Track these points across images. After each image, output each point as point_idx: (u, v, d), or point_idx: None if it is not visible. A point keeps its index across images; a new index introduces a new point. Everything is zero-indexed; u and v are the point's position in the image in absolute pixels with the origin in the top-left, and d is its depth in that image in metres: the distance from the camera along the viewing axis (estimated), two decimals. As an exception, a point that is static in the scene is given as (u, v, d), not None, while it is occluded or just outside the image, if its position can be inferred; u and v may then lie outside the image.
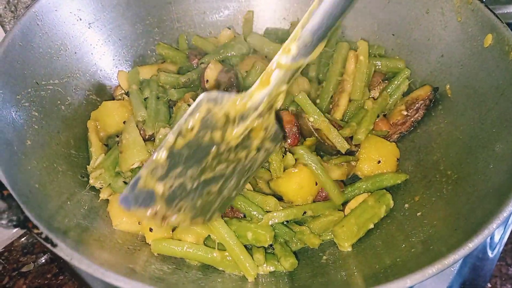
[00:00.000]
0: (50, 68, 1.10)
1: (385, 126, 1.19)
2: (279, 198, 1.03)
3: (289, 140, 1.09)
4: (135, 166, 1.04)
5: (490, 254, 1.27)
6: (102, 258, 0.80)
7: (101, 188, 1.06)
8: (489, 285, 1.29)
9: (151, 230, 0.97)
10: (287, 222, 1.02)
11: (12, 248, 1.32)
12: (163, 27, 1.38)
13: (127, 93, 1.23)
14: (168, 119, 1.14)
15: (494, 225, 0.74)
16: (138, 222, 1.00)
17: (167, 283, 0.81)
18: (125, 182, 1.05)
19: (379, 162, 1.12)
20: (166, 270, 0.89)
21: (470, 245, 0.72)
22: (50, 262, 1.30)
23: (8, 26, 1.38)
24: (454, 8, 1.10)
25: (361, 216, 1.01)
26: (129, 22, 1.30)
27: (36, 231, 0.71)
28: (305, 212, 1.01)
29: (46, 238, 0.70)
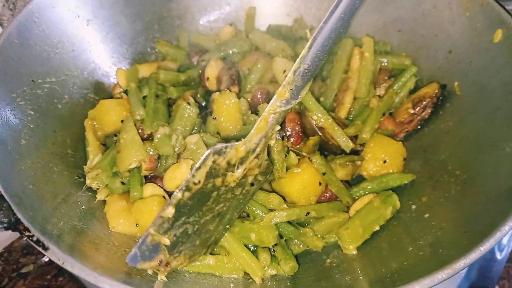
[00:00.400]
0: (47, 66, 1.09)
1: (391, 125, 1.17)
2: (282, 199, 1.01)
3: (292, 139, 1.07)
4: (133, 166, 1.02)
5: (498, 256, 1.25)
6: (97, 262, 0.78)
7: (98, 188, 1.04)
8: (497, 287, 1.27)
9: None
10: (290, 223, 1.00)
11: (12, 249, 1.32)
12: (163, 24, 1.36)
13: (126, 91, 1.21)
14: (167, 118, 1.12)
15: (506, 227, 0.71)
16: (136, 224, 0.98)
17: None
18: (122, 183, 1.04)
19: (385, 161, 1.10)
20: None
21: (482, 248, 0.69)
22: (50, 263, 1.29)
23: (6, 24, 1.37)
24: (462, 2, 1.08)
25: (366, 217, 0.99)
26: (128, 19, 1.29)
27: (27, 234, 0.69)
28: (308, 212, 0.99)
29: (38, 241, 0.68)
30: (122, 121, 1.10)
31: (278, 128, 0.94)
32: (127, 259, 0.80)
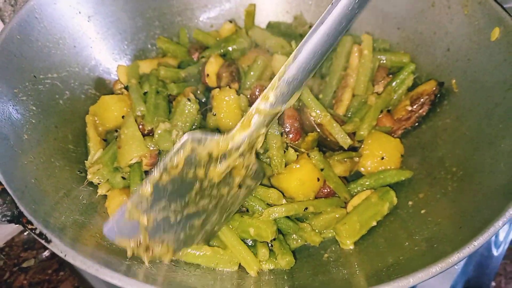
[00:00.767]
0: (48, 61, 1.09)
1: (389, 122, 1.17)
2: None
3: (290, 135, 1.08)
4: (134, 161, 1.03)
5: (495, 253, 1.26)
6: (98, 255, 0.79)
7: (99, 183, 1.05)
8: (493, 283, 1.28)
9: (150, 226, 0.95)
10: (288, 218, 1.01)
11: (13, 243, 1.33)
12: (164, 21, 1.36)
13: (127, 87, 1.21)
14: (167, 114, 1.12)
15: (500, 222, 0.72)
16: (136, 218, 0.98)
17: (163, 281, 0.79)
18: (123, 178, 1.04)
19: (383, 158, 1.11)
20: (163, 268, 0.88)
21: (475, 243, 0.70)
22: (51, 257, 1.30)
23: (7, 20, 1.37)
24: (461, 0, 1.08)
25: (363, 213, 1.00)
26: (129, 15, 1.29)
27: (30, 227, 0.70)
28: (306, 208, 0.99)
29: (40, 234, 0.69)
30: (123, 117, 1.11)
31: (264, 131, 0.93)
32: (104, 230, 0.82)
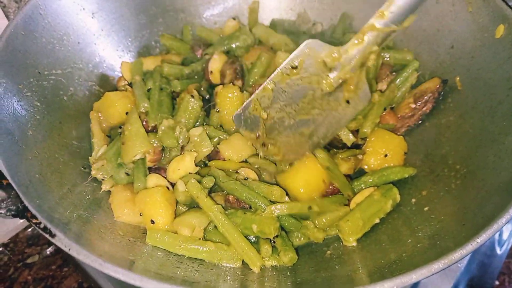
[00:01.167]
0: (52, 58, 1.10)
1: (392, 119, 1.17)
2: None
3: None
4: (137, 157, 1.03)
5: (498, 251, 1.25)
6: (102, 250, 0.80)
7: (103, 179, 1.06)
8: (497, 282, 1.28)
9: (153, 222, 0.96)
10: (291, 215, 1.01)
11: (17, 239, 1.33)
12: (167, 18, 1.37)
13: (130, 84, 1.22)
14: (171, 111, 1.12)
15: (503, 219, 0.72)
16: (140, 214, 0.99)
17: (167, 277, 0.79)
18: (127, 174, 1.05)
19: (386, 155, 1.10)
20: (167, 263, 0.88)
21: (478, 240, 0.70)
22: (55, 253, 1.30)
23: (12, 16, 1.37)
24: (465, -2, 1.08)
25: (366, 210, 0.99)
26: (132, 12, 1.29)
27: (34, 221, 0.70)
28: (310, 207, 0.99)
29: (45, 228, 0.69)
30: (126, 113, 1.11)
31: (376, 49, 0.95)
32: (233, 116, 1.00)
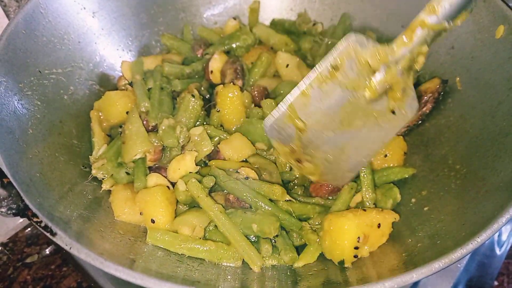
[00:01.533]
0: (53, 57, 1.10)
1: (392, 119, 1.17)
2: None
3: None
4: (138, 157, 1.03)
5: (497, 252, 1.25)
6: (102, 249, 0.80)
7: (103, 178, 1.06)
8: (496, 283, 1.28)
9: (153, 221, 0.96)
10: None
11: (16, 239, 1.33)
12: (168, 17, 1.37)
13: (131, 83, 1.22)
14: (171, 110, 1.13)
15: (503, 219, 0.72)
16: (140, 213, 0.99)
17: (167, 276, 0.80)
18: (127, 173, 1.05)
19: (386, 156, 1.10)
20: (167, 263, 0.88)
21: (479, 239, 0.70)
22: (54, 253, 1.30)
23: (12, 15, 1.37)
24: (465, -2, 1.08)
25: (367, 209, 0.99)
26: (133, 11, 1.29)
27: (35, 220, 0.70)
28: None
29: (45, 227, 0.69)
30: (127, 112, 1.11)
31: (425, 49, 0.85)
32: (266, 125, 0.86)
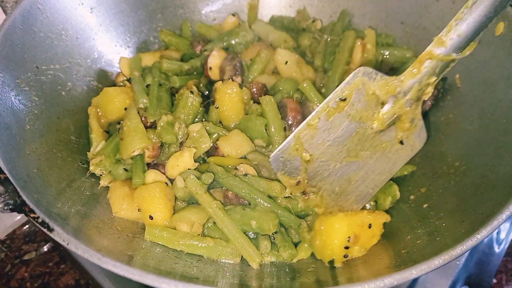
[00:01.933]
0: (50, 52, 1.09)
1: (391, 117, 1.17)
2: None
3: (293, 128, 1.07)
4: (136, 153, 1.03)
5: (496, 249, 1.26)
6: (100, 245, 0.79)
7: (101, 175, 1.05)
8: (494, 280, 1.28)
9: (151, 218, 0.95)
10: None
11: (14, 236, 1.33)
12: (167, 14, 1.36)
13: (129, 79, 1.21)
14: (170, 107, 1.12)
15: (503, 216, 0.72)
16: (138, 210, 0.98)
17: (166, 272, 0.79)
18: (125, 169, 1.04)
19: (385, 153, 1.10)
20: (166, 259, 0.88)
21: (478, 236, 0.70)
22: (52, 250, 1.30)
23: (9, 11, 1.36)
24: (465, -5, 1.08)
25: (365, 207, 1.00)
26: (131, 7, 1.29)
27: (32, 215, 0.70)
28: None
29: (43, 223, 0.69)
30: (125, 109, 1.11)
31: (434, 80, 0.87)
32: (271, 157, 0.88)
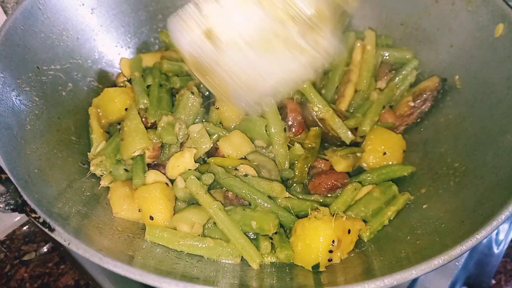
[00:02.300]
0: (51, 53, 1.09)
1: (391, 118, 1.17)
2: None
3: (293, 129, 1.08)
4: (136, 153, 1.03)
5: (495, 250, 1.26)
6: (101, 245, 0.79)
7: (101, 175, 1.05)
8: (493, 281, 1.28)
9: (152, 218, 0.96)
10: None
11: (14, 236, 1.32)
12: (167, 14, 1.35)
13: (130, 80, 1.21)
14: (170, 107, 1.12)
15: (503, 216, 0.72)
16: (139, 210, 0.98)
17: (166, 272, 0.79)
18: (126, 170, 1.04)
19: (385, 153, 1.11)
20: (166, 259, 0.88)
21: (478, 236, 0.70)
22: (52, 251, 1.30)
23: (10, 12, 1.37)
24: (465, -3, 1.08)
25: (366, 207, 0.99)
26: (132, 8, 1.29)
27: (33, 215, 0.70)
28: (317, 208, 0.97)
29: (44, 223, 0.69)
30: (126, 109, 1.11)
31: None
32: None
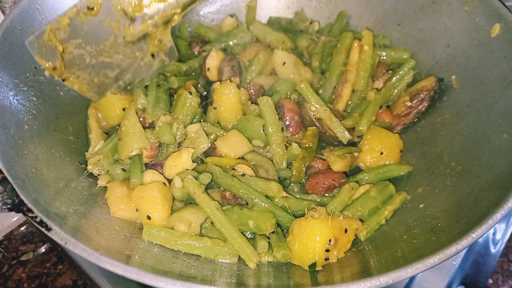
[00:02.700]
0: (49, 53, 1.09)
1: (388, 117, 1.18)
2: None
3: (290, 128, 1.08)
4: (134, 153, 1.03)
5: (492, 250, 1.26)
6: (98, 244, 0.79)
7: (99, 175, 1.05)
8: (490, 281, 1.29)
9: (149, 218, 0.96)
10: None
11: (11, 237, 1.33)
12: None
13: (128, 80, 1.21)
14: (168, 107, 1.12)
15: (498, 215, 0.72)
16: (136, 210, 0.98)
17: (163, 271, 0.79)
18: (123, 169, 1.05)
19: (382, 153, 1.11)
20: (163, 259, 0.88)
21: (473, 235, 0.71)
22: (49, 251, 1.30)
23: (8, 11, 1.36)
24: (461, -3, 1.08)
25: (363, 206, 1.00)
26: (130, 8, 1.28)
27: (30, 215, 0.70)
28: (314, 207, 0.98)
29: (41, 222, 0.69)
30: (124, 109, 1.11)
31: (179, 11, 1.07)
32: (26, 41, 0.98)
